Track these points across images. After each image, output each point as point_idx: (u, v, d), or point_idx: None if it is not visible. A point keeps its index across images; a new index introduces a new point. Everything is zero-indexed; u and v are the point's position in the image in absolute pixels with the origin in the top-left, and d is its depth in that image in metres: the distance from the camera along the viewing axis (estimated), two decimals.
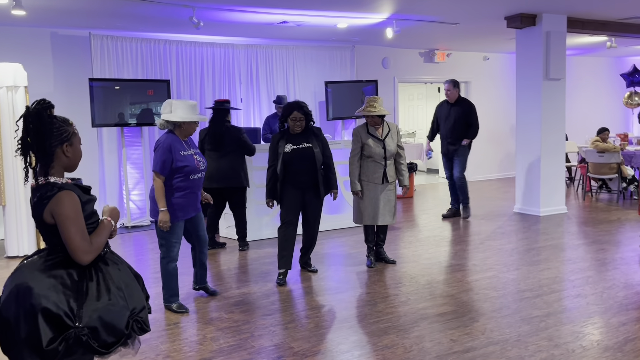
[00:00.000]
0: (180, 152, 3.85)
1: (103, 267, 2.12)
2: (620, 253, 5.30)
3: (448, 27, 7.79)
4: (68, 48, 7.20)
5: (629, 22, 7.81)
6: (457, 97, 6.99)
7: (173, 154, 3.81)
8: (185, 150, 3.90)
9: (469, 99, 7.18)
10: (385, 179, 4.84)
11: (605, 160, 8.10)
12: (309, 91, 8.84)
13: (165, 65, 7.71)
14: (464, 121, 6.88)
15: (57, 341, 1.93)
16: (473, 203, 8.43)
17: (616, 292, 4.19)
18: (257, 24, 7.09)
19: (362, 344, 3.38)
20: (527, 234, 6.24)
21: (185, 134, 3.94)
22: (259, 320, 3.83)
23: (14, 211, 5.81)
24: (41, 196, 2.03)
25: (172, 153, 3.81)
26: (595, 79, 12.30)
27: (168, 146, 3.82)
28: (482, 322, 3.66)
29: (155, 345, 3.44)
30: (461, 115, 6.88)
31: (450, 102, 7.00)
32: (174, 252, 3.94)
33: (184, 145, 3.92)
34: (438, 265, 5.08)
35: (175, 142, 3.87)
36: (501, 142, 11.22)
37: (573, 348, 3.22)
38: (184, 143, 3.92)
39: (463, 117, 6.88)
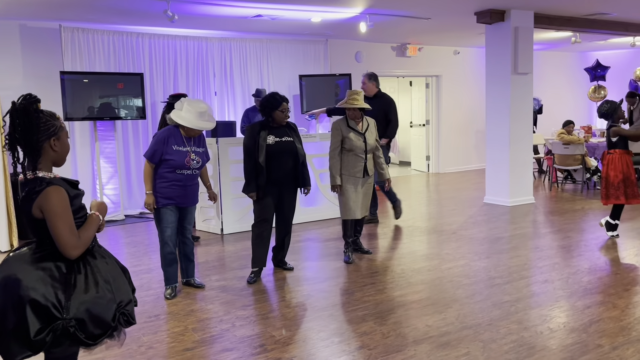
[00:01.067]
0: (173, 146, 3.99)
1: (91, 260, 2.15)
2: (585, 240, 5.54)
3: (420, 22, 7.93)
4: (38, 40, 7.07)
5: (593, 19, 8.09)
6: (375, 91, 6.29)
7: (165, 146, 3.98)
8: (181, 145, 4.01)
9: (388, 94, 6.44)
10: (366, 173, 4.90)
11: (570, 152, 8.40)
12: (283, 84, 8.88)
13: (138, 58, 7.65)
14: (383, 118, 6.11)
15: (45, 332, 1.96)
16: (445, 194, 8.63)
17: (581, 277, 4.40)
18: (231, 17, 7.10)
19: (342, 331, 3.49)
20: (496, 223, 6.45)
21: (188, 134, 4.06)
22: (239, 311, 3.90)
23: None
24: (30, 191, 2.06)
25: (164, 145, 3.98)
26: (561, 73, 12.68)
27: (163, 138, 3.99)
28: (456, 308, 3.81)
29: (137, 337, 3.48)
30: (379, 112, 6.05)
31: (368, 96, 6.17)
32: (164, 236, 4.11)
33: (182, 141, 4.03)
34: (412, 254, 5.22)
35: (173, 137, 4.01)
36: (472, 135, 11.48)
37: (541, 330, 3.39)
38: (184, 139, 4.04)
39: (382, 114, 6.11)
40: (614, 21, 8.38)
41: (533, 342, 3.23)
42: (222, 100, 8.42)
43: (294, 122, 8.91)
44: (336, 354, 3.15)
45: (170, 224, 4.10)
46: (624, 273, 4.47)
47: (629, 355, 3.02)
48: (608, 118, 5.46)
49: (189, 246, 4.31)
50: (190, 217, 4.26)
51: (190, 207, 4.23)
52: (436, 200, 8.15)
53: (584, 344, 3.18)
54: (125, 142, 7.67)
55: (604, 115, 5.47)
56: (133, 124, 7.68)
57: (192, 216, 4.28)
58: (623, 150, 5.37)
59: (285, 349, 3.25)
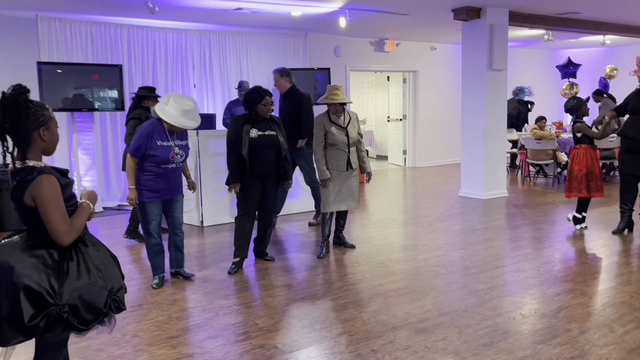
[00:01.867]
0: (157, 141, 3.97)
1: (83, 248, 2.20)
2: (555, 232, 5.75)
3: (398, 18, 8.05)
4: (13, 30, 6.97)
5: (565, 17, 8.33)
6: (287, 87, 5.88)
7: (149, 141, 3.94)
8: (165, 140, 4.00)
9: (302, 91, 5.96)
10: (350, 166, 4.97)
11: (542, 146, 8.65)
12: (263, 77, 8.91)
13: (117, 49, 7.59)
14: (295, 117, 5.78)
15: (39, 318, 2.01)
16: (421, 187, 8.81)
17: (552, 266, 4.58)
18: (211, 10, 7.10)
19: (323, 318, 3.59)
20: (471, 216, 6.63)
21: (171, 129, 4.04)
22: (222, 300, 3.96)
23: None
24: (21, 180, 2.09)
25: (148, 140, 3.94)
26: (534, 70, 12.99)
27: (147, 133, 3.95)
28: (433, 296, 3.94)
29: (121, 326, 3.52)
30: (291, 110, 5.77)
31: (281, 93, 5.94)
32: (149, 228, 4.13)
33: (166, 136, 4.01)
34: (390, 245, 5.35)
35: (157, 131, 3.98)
36: (448, 130, 11.68)
37: (514, 316, 3.55)
38: (167, 133, 4.02)
39: (294, 112, 5.78)
40: (585, 20, 8.64)
41: (506, 327, 3.38)
42: (201, 93, 8.42)
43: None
44: (318, 340, 3.25)
45: (155, 217, 4.12)
46: (592, 262, 4.68)
47: (596, 339, 3.19)
48: (573, 114, 5.67)
49: (180, 237, 4.34)
50: (178, 207, 4.26)
51: (177, 197, 4.23)
52: (413, 194, 8.31)
53: (553, 329, 3.34)
54: (104, 134, 7.62)
55: (569, 110, 5.69)
56: (111, 115, 7.63)
57: (180, 205, 4.29)
58: (589, 146, 5.58)
59: (269, 335, 3.34)
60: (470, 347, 3.11)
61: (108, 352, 3.16)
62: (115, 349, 3.20)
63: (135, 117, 5.36)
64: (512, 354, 3.02)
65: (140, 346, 3.23)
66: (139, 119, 5.32)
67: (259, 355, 3.08)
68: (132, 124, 5.34)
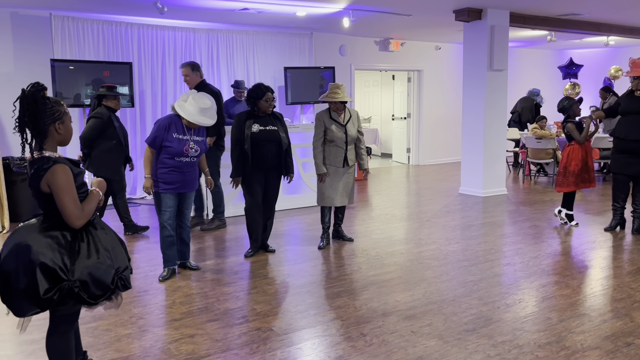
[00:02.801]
0: (174, 133, 4.18)
1: (92, 230, 2.42)
2: (549, 229, 5.92)
3: (401, 18, 8.22)
4: (28, 28, 7.23)
5: (566, 19, 8.46)
6: (197, 82, 5.71)
7: (166, 133, 4.16)
8: (181, 134, 4.21)
9: (213, 86, 5.79)
10: (346, 163, 5.17)
11: (542, 146, 8.79)
12: (269, 76, 9.13)
13: (127, 47, 7.84)
14: None
15: (53, 291, 2.24)
16: (423, 185, 8.98)
17: (540, 261, 4.76)
18: (218, 10, 7.32)
19: (318, 305, 3.80)
20: (469, 212, 6.81)
21: (189, 125, 4.25)
22: (223, 287, 4.19)
23: None
24: (38, 168, 2.32)
25: (165, 132, 4.17)
26: (537, 70, 13.09)
27: (165, 125, 4.18)
28: (424, 287, 4.14)
29: (128, 309, 3.75)
30: None
31: (191, 88, 5.72)
32: (163, 219, 4.32)
33: (183, 130, 4.23)
34: (387, 239, 5.55)
35: (174, 124, 4.20)
36: (452, 128, 11.84)
37: (498, 305, 3.74)
38: (184, 128, 4.24)
39: None
40: (586, 21, 8.76)
41: (490, 315, 3.57)
42: None
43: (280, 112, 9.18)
44: (312, 324, 3.46)
45: (168, 208, 4.31)
46: (581, 257, 4.85)
47: (574, 327, 3.37)
48: (564, 113, 5.85)
49: (186, 230, 4.54)
50: (188, 203, 4.47)
51: (189, 193, 4.44)
52: (414, 191, 8.49)
53: (534, 317, 3.52)
54: None
55: (561, 110, 5.87)
56: (121, 111, 7.87)
57: (191, 202, 4.49)
58: None
59: (266, 319, 3.55)
60: (453, 333, 3.30)
61: (115, 332, 3.39)
62: (122, 329, 3.43)
63: (95, 116, 5.47)
64: (492, 339, 3.21)
65: (145, 327, 3.46)
66: (100, 118, 5.45)
67: (256, 337, 3.29)
68: (92, 122, 5.44)
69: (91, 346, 3.18)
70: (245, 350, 3.11)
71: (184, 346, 3.18)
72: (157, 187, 4.28)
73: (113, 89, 5.70)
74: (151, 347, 3.18)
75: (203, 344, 3.21)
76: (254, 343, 3.21)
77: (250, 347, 3.15)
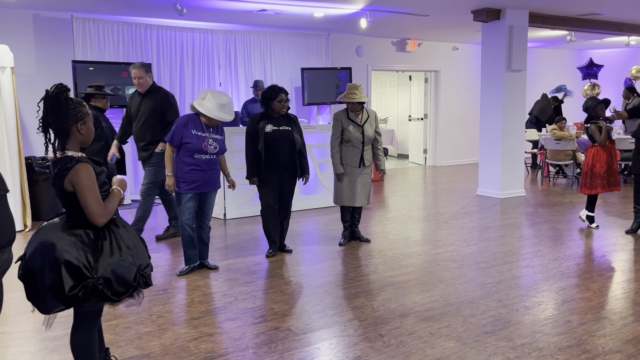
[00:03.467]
0: (192, 130, 4.24)
1: (114, 229, 2.46)
2: (569, 231, 5.85)
3: (419, 19, 8.20)
4: (50, 30, 7.36)
5: (587, 18, 8.36)
6: (149, 85, 5.27)
7: (184, 130, 4.23)
8: (200, 131, 4.26)
9: (164, 88, 5.44)
10: (363, 163, 5.18)
11: (561, 147, 8.69)
12: (286, 77, 9.17)
13: (146, 49, 7.93)
14: (159, 118, 5.21)
15: (77, 288, 2.28)
16: (440, 186, 8.94)
17: (560, 263, 4.71)
18: (237, 11, 7.37)
19: (335, 305, 3.80)
20: (487, 214, 6.76)
21: (209, 123, 4.30)
22: (241, 287, 4.21)
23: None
24: (61, 168, 2.36)
25: (183, 129, 4.23)
26: (556, 71, 12.95)
27: (183, 123, 4.26)
28: (442, 288, 4.12)
29: (147, 308, 3.79)
30: (153, 110, 5.20)
31: (141, 92, 5.27)
32: (182, 219, 4.38)
33: (202, 127, 4.28)
34: (405, 240, 5.53)
35: (192, 122, 4.27)
36: (469, 129, 11.76)
37: (517, 308, 3.71)
38: (203, 126, 4.29)
39: (157, 113, 5.21)
40: (607, 21, 8.65)
41: (509, 317, 3.54)
42: (226, 91, 8.70)
43: (296, 113, 9.22)
44: (329, 324, 3.47)
45: (188, 209, 4.36)
46: (601, 260, 4.79)
47: (595, 330, 3.33)
48: (588, 113, 5.79)
49: (206, 230, 4.58)
50: (210, 203, 4.50)
51: (211, 193, 4.47)
52: (431, 192, 8.45)
53: (554, 320, 3.49)
54: None
55: (585, 110, 5.81)
56: None
57: (212, 202, 4.51)
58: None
59: (284, 319, 3.57)
60: (472, 334, 3.29)
61: (136, 329, 3.44)
62: (142, 327, 3.48)
63: None
64: (511, 341, 3.18)
65: (165, 325, 3.50)
66: None
67: (274, 336, 3.31)
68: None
69: (112, 343, 3.23)
70: (263, 350, 3.13)
71: (203, 344, 3.21)
72: (178, 187, 4.33)
73: (101, 88, 5.66)
74: (171, 345, 3.21)
75: (222, 342, 3.24)
76: (272, 342, 3.23)
77: (269, 347, 3.17)
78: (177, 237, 5.74)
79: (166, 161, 4.34)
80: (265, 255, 5.01)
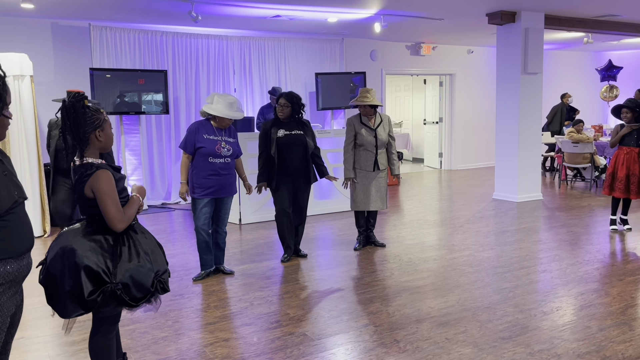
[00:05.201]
0: (204, 135, 4.30)
1: (133, 234, 2.49)
2: (587, 235, 5.77)
3: (433, 22, 8.18)
4: (68, 38, 7.48)
5: (603, 20, 8.26)
6: None
7: (196, 135, 4.30)
8: (212, 135, 4.32)
9: None
10: (377, 167, 5.18)
11: (579, 150, 8.59)
12: (300, 82, 9.20)
13: (162, 55, 8.02)
14: None
15: (96, 293, 2.31)
16: (456, 190, 8.88)
17: (578, 268, 4.65)
18: (251, 18, 7.42)
19: (350, 310, 3.80)
20: (503, 218, 6.70)
21: (220, 125, 4.36)
22: (257, 292, 4.23)
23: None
24: (82, 174, 2.40)
25: (195, 134, 4.30)
26: (574, 73, 12.81)
27: (194, 129, 4.33)
28: (458, 293, 4.09)
29: (164, 313, 3.82)
30: None
31: None
32: (197, 225, 4.41)
33: (213, 131, 4.34)
34: (420, 245, 5.51)
35: (203, 127, 4.33)
36: (485, 133, 11.68)
37: (535, 313, 3.67)
38: (215, 129, 4.35)
39: None
40: (624, 22, 8.54)
41: (526, 323, 3.50)
42: (241, 97, 8.76)
43: (310, 118, 9.24)
44: (344, 330, 3.47)
45: (203, 214, 4.39)
46: (621, 265, 4.71)
47: (614, 336, 3.28)
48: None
49: (222, 235, 4.60)
50: (226, 208, 4.51)
51: (227, 198, 4.49)
52: (447, 196, 8.40)
53: (573, 325, 3.44)
54: (149, 136, 8.05)
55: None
56: (156, 118, 8.06)
57: (228, 207, 4.53)
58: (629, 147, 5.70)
59: (299, 324, 3.57)
60: (489, 340, 3.26)
61: (152, 334, 3.47)
62: (159, 332, 3.50)
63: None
64: (529, 347, 3.15)
65: (181, 330, 3.52)
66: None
67: (289, 342, 3.31)
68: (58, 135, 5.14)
69: (129, 348, 3.26)
70: (279, 355, 3.14)
71: (219, 349, 3.23)
72: (193, 193, 4.37)
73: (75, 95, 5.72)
74: (187, 350, 3.23)
75: (237, 347, 3.25)
76: (288, 348, 3.23)
77: (284, 352, 3.18)
78: None
79: (181, 169, 4.39)
80: (281, 260, 5.03)
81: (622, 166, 5.63)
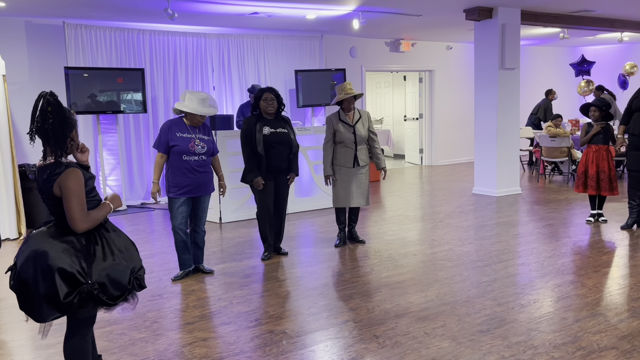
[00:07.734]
0: (177, 133, 4.25)
1: (105, 233, 2.45)
2: (564, 228, 5.85)
3: (411, 19, 8.20)
4: (42, 37, 7.34)
5: (579, 15, 8.37)
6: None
7: (169, 133, 4.25)
8: (185, 132, 4.28)
9: None
10: (357, 163, 5.16)
11: (556, 144, 8.70)
12: (280, 79, 9.16)
13: (139, 54, 7.91)
14: None
15: (73, 295, 2.26)
16: (436, 185, 8.93)
17: (555, 260, 4.71)
18: (228, 15, 7.36)
19: (330, 307, 3.79)
20: (482, 212, 6.76)
21: (192, 122, 4.31)
22: (237, 290, 4.20)
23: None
24: (51, 173, 2.35)
25: (168, 133, 4.26)
26: (550, 68, 12.97)
27: (167, 127, 4.29)
28: (437, 288, 4.11)
29: (142, 313, 3.78)
30: None
31: None
32: (174, 224, 4.37)
33: (187, 129, 4.29)
34: (401, 240, 5.53)
35: (176, 125, 4.29)
36: (465, 128, 11.77)
37: (513, 306, 3.70)
38: (188, 127, 4.30)
39: None
40: (599, 18, 8.66)
41: (504, 316, 3.54)
42: (220, 95, 8.70)
43: (290, 115, 9.21)
44: (324, 327, 3.46)
45: (180, 214, 4.34)
46: (596, 256, 4.79)
47: (590, 327, 3.33)
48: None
49: (200, 234, 4.56)
50: (203, 207, 4.47)
51: (204, 197, 4.45)
52: (427, 191, 8.45)
53: (550, 317, 3.49)
54: (127, 135, 7.95)
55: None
56: (134, 117, 7.96)
57: (206, 205, 4.49)
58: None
59: (278, 322, 3.56)
60: (467, 334, 3.28)
61: (130, 335, 3.42)
62: (137, 333, 3.46)
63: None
64: (506, 340, 3.18)
65: (159, 331, 3.48)
66: None
67: (268, 340, 3.30)
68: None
69: (106, 350, 3.21)
70: (258, 353, 3.12)
71: (197, 349, 3.20)
72: (169, 192, 4.32)
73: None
74: (165, 350, 3.20)
75: (216, 347, 3.22)
76: (267, 346, 3.22)
77: (263, 350, 3.16)
78: None
79: (154, 168, 4.33)
80: (261, 258, 5.00)
81: (592, 164, 5.73)
